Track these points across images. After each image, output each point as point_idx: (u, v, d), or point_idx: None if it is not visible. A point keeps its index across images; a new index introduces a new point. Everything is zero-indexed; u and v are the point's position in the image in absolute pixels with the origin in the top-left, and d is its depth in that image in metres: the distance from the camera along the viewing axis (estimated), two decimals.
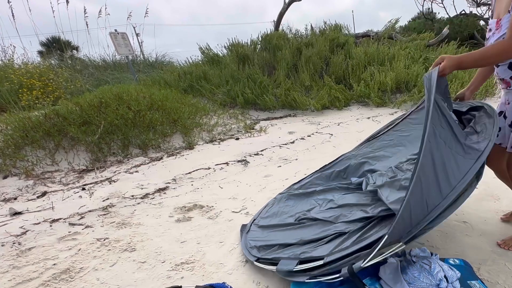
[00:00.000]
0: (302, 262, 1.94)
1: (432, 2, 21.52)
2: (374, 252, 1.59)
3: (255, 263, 2.25)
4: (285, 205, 2.94)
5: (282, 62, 8.87)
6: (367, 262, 1.58)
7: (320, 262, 1.82)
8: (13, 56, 8.64)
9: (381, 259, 1.60)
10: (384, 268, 1.86)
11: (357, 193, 2.67)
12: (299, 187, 3.20)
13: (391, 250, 1.58)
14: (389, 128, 3.30)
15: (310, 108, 8.13)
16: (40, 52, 13.47)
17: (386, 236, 1.57)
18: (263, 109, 8.24)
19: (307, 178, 3.30)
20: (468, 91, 2.49)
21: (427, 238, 2.47)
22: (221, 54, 10.03)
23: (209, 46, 10.02)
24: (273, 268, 2.05)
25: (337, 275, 1.67)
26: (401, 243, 1.58)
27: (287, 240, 2.29)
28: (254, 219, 2.89)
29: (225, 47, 10.17)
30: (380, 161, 3.03)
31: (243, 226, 2.86)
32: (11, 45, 8.90)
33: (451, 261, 1.95)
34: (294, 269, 1.89)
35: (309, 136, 6.21)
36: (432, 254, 2.02)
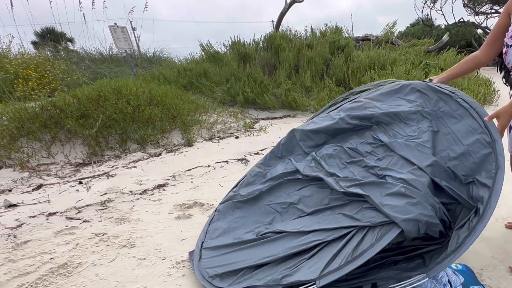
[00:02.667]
0: None
1: (431, 9, 21.68)
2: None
3: None
4: (234, 218, 2.46)
5: (285, 62, 8.84)
6: None
7: None
8: (9, 45, 8.52)
9: None
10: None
11: (316, 188, 2.22)
12: (240, 190, 2.66)
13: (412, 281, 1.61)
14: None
15: (310, 109, 8.11)
16: (34, 43, 13.31)
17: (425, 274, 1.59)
18: (262, 109, 8.21)
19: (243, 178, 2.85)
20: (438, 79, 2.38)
21: None
22: (221, 52, 9.97)
23: (210, 43, 9.96)
24: None
25: None
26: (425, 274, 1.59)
27: (256, 260, 1.92)
28: (202, 242, 2.43)
29: (224, 45, 10.12)
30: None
31: (191, 253, 2.42)
32: (9, 34, 8.80)
33: (453, 266, 1.94)
34: None
35: None
36: None
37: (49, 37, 12.85)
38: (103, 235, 2.80)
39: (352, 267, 1.54)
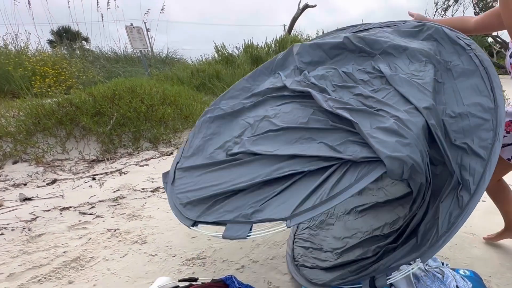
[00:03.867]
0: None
1: (442, 17, 21.51)
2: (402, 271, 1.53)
3: (193, 228, 1.65)
4: (208, 134, 2.16)
5: None
6: (392, 279, 1.54)
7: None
8: (28, 43, 8.66)
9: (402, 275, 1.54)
10: (396, 275, 1.83)
11: (299, 105, 1.96)
12: (221, 103, 2.34)
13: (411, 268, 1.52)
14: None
15: None
16: (50, 41, 13.49)
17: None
18: None
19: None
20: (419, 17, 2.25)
21: None
22: (234, 54, 10.02)
23: (224, 45, 10.01)
24: (218, 234, 1.49)
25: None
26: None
27: (226, 186, 1.68)
28: (177, 162, 2.15)
29: (236, 47, 10.16)
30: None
31: (165, 174, 2.17)
32: (26, 31, 8.95)
33: (461, 272, 1.92)
34: (247, 236, 1.44)
35: None
36: (443, 264, 1.99)
37: (65, 36, 13.03)
38: (115, 230, 2.82)
39: (326, 207, 1.41)
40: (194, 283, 1.72)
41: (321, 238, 2.41)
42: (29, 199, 3.44)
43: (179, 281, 1.71)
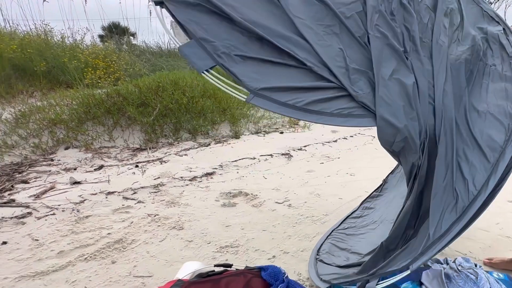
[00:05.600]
0: None
1: None
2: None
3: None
4: None
5: None
6: (380, 285, 1.46)
7: None
8: (83, 37, 8.96)
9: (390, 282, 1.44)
10: (427, 274, 1.77)
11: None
12: None
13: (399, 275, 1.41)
14: None
15: None
16: (100, 36, 13.90)
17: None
18: None
19: None
20: None
21: (469, 249, 2.35)
22: None
23: None
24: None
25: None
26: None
27: None
28: None
29: None
30: None
31: None
32: (85, 27, 9.28)
33: (495, 275, 1.83)
34: None
35: (352, 136, 6.05)
36: (476, 265, 1.90)
37: (115, 31, 13.37)
38: (155, 216, 2.88)
39: (298, 115, 1.34)
40: (228, 268, 1.72)
41: (356, 240, 2.34)
42: (78, 182, 3.58)
43: (215, 266, 1.72)
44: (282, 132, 6.22)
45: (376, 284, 1.45)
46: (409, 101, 1.40)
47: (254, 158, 4.59)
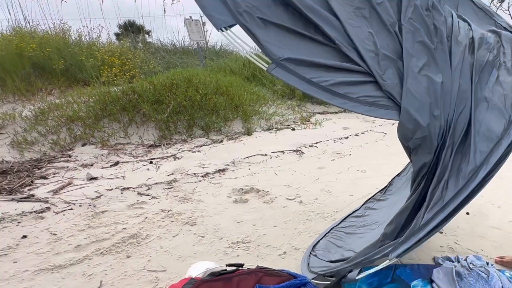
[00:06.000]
0: None
1: (497, 9, 19.88)
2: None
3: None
4: None
5: None
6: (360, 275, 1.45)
7: None
8: (99, 35, 9.05)
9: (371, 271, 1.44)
10: (438, 271, 1.75)
11: None
12: None
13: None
14: None
15: None
16: (116, 34, 14.03)
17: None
18: (319, 103, 8.06)
19: None
20: None
21: (481, 247, 2.31)
22: None
23: None
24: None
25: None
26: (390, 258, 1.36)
27: None
28: None
29: None
30: None
31: None
32: (100, 25, 9.37)
33: (507, 273, 1.80)
34: None
35: (363, 133, 6.01)
36: (487, 263, 1.87)
37: (130, 29, 13.47)
38: (168, 211, 2.92)
39: (322, 96, 1.29)
40: (240, 268, 1.73)
41: (353, 239, 2.33)
42: (95, 178, 3.64)
43: (227, 265, 1.73)
44: (293, 129, 6.21)
45: (357, 274, 1.44)
46: (436, 100, 1.37)
47: (266, 155, 4.59)
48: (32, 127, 4.83)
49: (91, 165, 4.13)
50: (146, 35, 13.73)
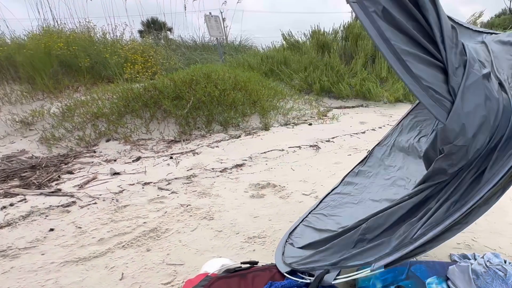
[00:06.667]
0: None
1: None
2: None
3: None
4: None
5: (361, 52, 8.43)
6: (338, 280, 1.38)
7: None
8: (123, 33, 9.17)
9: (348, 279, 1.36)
10: (454, 269, 1.71)
11: None
12: None
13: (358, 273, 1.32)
14: None
15: (383, 100, 7.70)
16: (140, 31, 14.18)
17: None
18: (336, 97, 7.96)
19: None
20: None
21: (499, 245, 2.25)
22: (301, 41, 9.79)
23: (291, 32, 9.82)
24: None
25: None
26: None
27: None
28: None
29: (304, 34, 9.91)
30: None
31: None
32: (124, 23, 9.50)
33: None
34: None
35: (380, 128, 5.89)
36: (505, 261, 1.82)
37: (153, 27, 13.60)
38: (187, 206, 2.96)
39: (395, 65, 1.22)
40: (255, 265, 1.75)
41: (331, 219, 2.17)
42: (118, 173, 3.72)
43: (242, 263, 1.76)
44: (310, 124, 6.16)
45: (334, 279, 1.37)
46: (489, 115, 1.25)
47: (283, 150, 4.58)
48: (60, 124, 4.97)
49: (115, 160, 4.22)
50: (168, 32, 13.84)
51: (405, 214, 1.44)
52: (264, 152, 4.49)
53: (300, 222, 2.25)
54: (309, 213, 2.34)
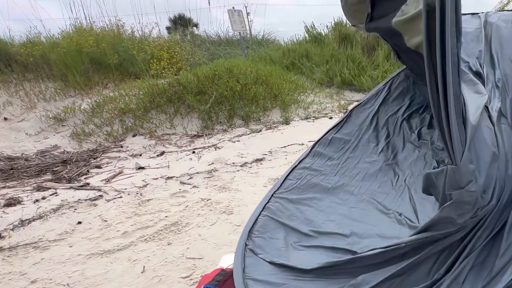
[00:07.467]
0: None
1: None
2: None
3: None
4: None
5: (384, 43, 8.17)
6: None
7: None
8: (151, 31, 9.27)
9: None
10: None
11: None
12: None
13: None
14: None
15: None
16: (167, 28, 14.31)
17: None
18: (357, 91, 7.75)
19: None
20: None
21: None
22: (323, 33, 9.59)
23: (313, 24, 9.64)
24: None
25: None
26: None
27: None
28: None
29: (327, 26, 9.71)
30: None
31: None
32: (154, 22, 9.61)
33: None
34: None
35: None
36: None
37: (180, 23, 13.69)
38: (207, 200, 2.97)
39: None
40: None
41: (300, 212, 1.68)
42: (143, 168, 3.78)
43: None
44: (331, 117, 6.05)
45: None
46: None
47: (302, 144, 4.52)
48: (89, 120, 5.10)
49: (140, 155, 4.30)
50: (194, 28, 13.90)
51: (397, 273, 1.10)
52: (284, 147, 4.45)
53: (262, 211, 1.72)
54: (272, 195, 1.81)
